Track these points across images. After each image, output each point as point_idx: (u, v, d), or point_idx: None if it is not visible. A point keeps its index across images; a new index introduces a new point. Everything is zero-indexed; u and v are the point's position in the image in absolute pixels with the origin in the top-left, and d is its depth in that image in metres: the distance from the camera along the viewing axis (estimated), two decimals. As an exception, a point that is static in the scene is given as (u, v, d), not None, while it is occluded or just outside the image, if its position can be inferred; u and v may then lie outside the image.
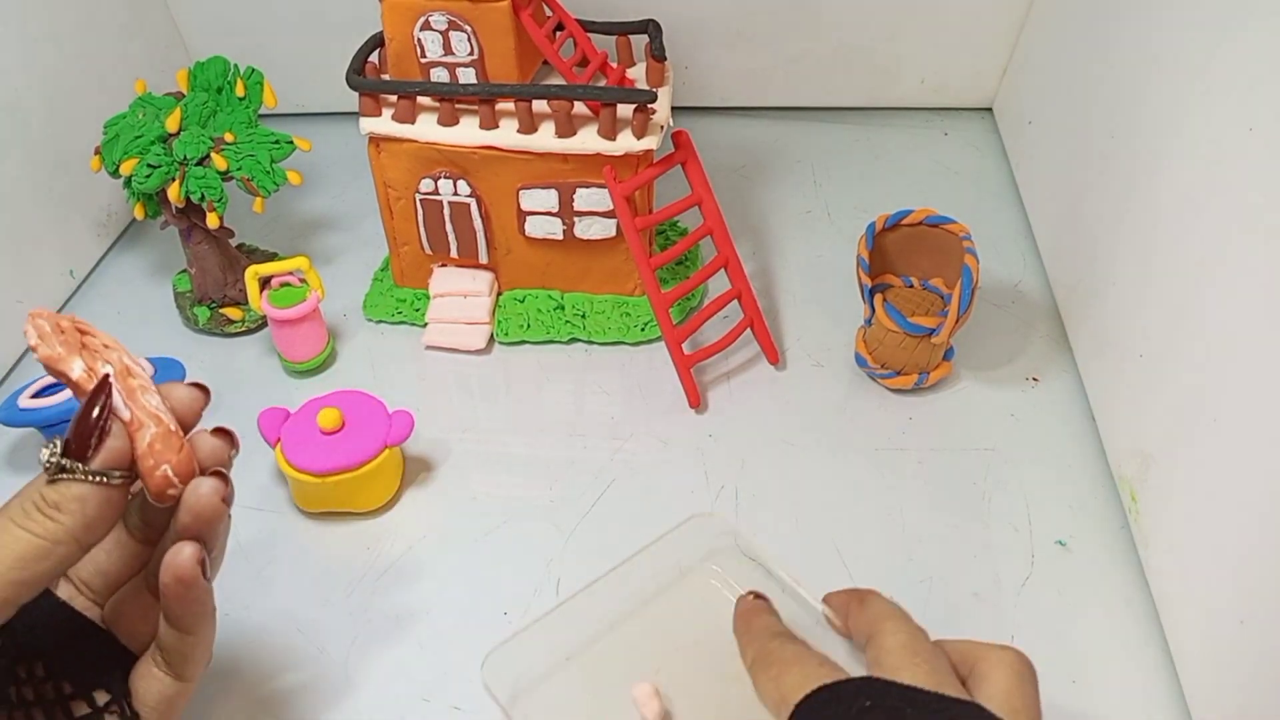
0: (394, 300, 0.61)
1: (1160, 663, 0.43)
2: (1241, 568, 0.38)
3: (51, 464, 0.29)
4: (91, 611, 0.35)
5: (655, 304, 0.54)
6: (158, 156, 0.54)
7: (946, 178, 0.72)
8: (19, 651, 0.31)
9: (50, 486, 0.29)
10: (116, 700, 0.33)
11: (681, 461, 0.52)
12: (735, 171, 0.73)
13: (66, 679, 0.33)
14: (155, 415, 0.32)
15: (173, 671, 0.34)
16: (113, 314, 0.63)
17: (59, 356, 0.31)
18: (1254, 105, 0.40)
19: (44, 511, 0.29)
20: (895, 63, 0.75)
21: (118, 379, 0.31)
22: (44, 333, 0.31)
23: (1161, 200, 0.47)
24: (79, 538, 0.29)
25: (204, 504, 0.32)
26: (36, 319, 0.32)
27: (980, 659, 0.34)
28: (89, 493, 0.29)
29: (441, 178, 0.55)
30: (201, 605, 0.33)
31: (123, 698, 0.33)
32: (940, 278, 0.58)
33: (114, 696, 0.33)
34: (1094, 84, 0.57)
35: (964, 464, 0.52)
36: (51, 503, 0.29)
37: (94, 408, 0.30)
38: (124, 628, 0.35)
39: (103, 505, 0.30)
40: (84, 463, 0.29)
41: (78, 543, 0.29)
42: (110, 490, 0.30)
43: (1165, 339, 0.45)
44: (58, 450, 0.30)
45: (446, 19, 0.51)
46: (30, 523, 0.29)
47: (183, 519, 0.32)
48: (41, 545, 0.29)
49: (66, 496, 0.29)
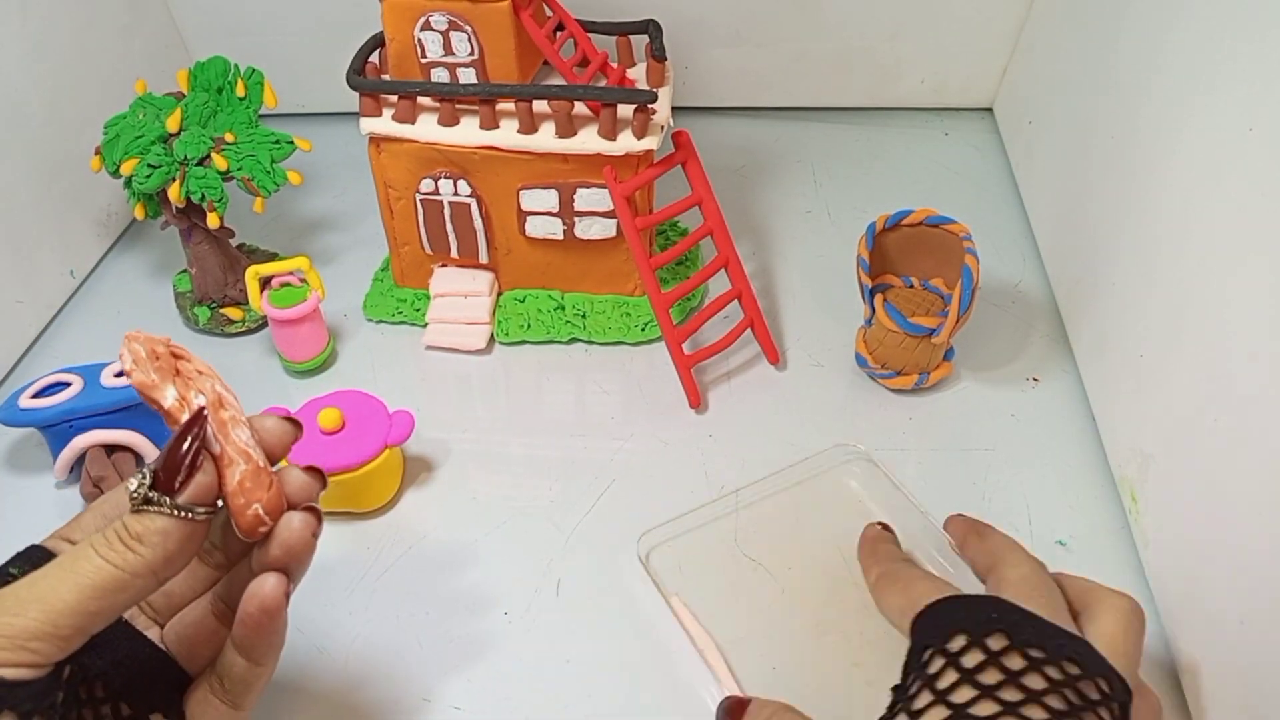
0: (394, 300, 0.61)
1: (1160, 662, 0.43)
2: (1241, 568, 0.38)
3: (138, 495, 0.29)
4: (151, 631, 0.34)
5: (655, 304, 0.54)
6: (158, 156, 0.54)
7: (946, 178, 0.72)
8: (82, 673, 0.31)
9: (134, 517, 0.29)
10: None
11: (681, 461, 0.52)
12: (735, 171, 0.73)
13: (125, 701, 0.32)
14: (245, 452, 0.31)
15: (230, 700, 0.33)
16: (113, 314, 0.63)
17: (153, 384, 0.31)
18: (1254, 105, 0.40)
19: (126, 543, 0.29)
20: (895, 63, 0.75)
21: (210, 411, 0.31)
22: (139, 357, 0.31)
23: (1162, 200, 0.47)
24: (157, 571, 0.29)
25: (296, 539, 0.32)
26: (133, 343, 0.31)
27: (1095, 600, 0.35)
28: (172, 527, 0.29)
29: (442, 178, 0.55)
30: (278, 637, 0.33)
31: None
32: (940, 278, 0.58)
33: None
34: (1094, 84, 0.57)
35: (964, 464, 0.52)
36: (134, 534, 0.29)
37: (185, 440, 0.30)
38: (184, 651, 0.35)
39: (185, 541, 0.30)
40: (171, 496, 0.29)
41: (155, 576, 0.29)
42: (194, 526, 0.30)
43: (1165, 339, 0.45)
44: (146, 481, 0.29)
45: (447, 19, 0.51)
46: (111, 553, 0.29)
47: (273, 552, 0.32)
48: (120, 577, 0.29)
49: (150, 529, 0.29)
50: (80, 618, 0.28)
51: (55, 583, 0.28)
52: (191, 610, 0.35)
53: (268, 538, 0.32)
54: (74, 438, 0.50)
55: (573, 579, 0.47)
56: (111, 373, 0.52)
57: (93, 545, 0.29)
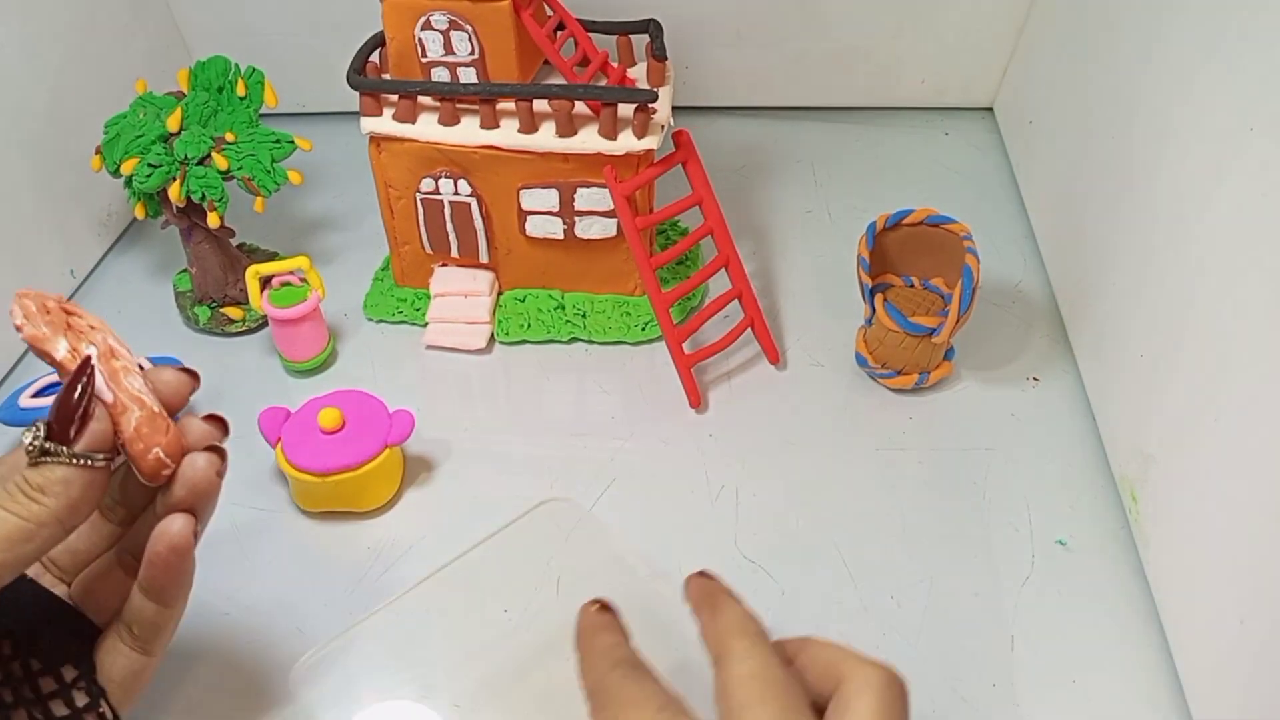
0: (394, 300, 0.61)
1: (1160, 663, 0.43)
2: (1242, 567, 0.38)
3: (35, 447, 0.30)
4: (58, 589, 0.35)
5: (656, 303, 0.54)
6: (158, 156, 0.54)
7: (947, 178, 0.72)
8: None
9: (33, 470, 0.30)
10: (84, 676, 0.33)
11: (681, 461, 0.52)
12: (735, 171, 0.73)
13: (34, 656, 0.33)
14: (138, 398, 0.32)
15: (140, 646, 0.34)
16: (113, 313, 0.63)
17: (43, 336, 0.31)
18: (1254, 105, 0.40)
19: (28, 494, 0.29)
20: (895, 63, 0.75)
21: (101, 360, 0.31)
22: (29, 312, 0.31)
23: (1162, 200, 0.47)
24: (63, 520, 0.30)
25: (200, 477, 0.32)
26: (23, 299, 0.32)
27: (846, 678, 0.30)
28: (73, 475, 0.30)
29: (442, 177, 0.55)
30: (186, 577, 0.33)
31: (90, 673, 0.34)
32: (941, 277, 0.58)
33: (81, 672, 0.34)
34: (1094, 84, 0.57)
35: (964, 464, 0.52)
36: (35, 486, 0.29)
37: (75, 390, 0.30)
38: (92, 604, 0.35)
39: (86, 488, 0.30)
40: (67, 445, 0.30)
41: (61, 525, 0.30)
42: (94, 473, 0.30)
43: (1165, 339, 0.45)
44: (41, 434, 0.30)
45: (447, 18, 0.51)
46: (14, 505, 0.29)
47: (177, 493, 0.32)
48: (26, 528, 0.29)
49: (50, 480, 0.29)
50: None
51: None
52: (97, 564, 0.36)
53: (171, 481, 0.33)
54: (74, 437, 0.50)
55: (573, 579, 0.47)
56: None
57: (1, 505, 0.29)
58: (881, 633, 0.45)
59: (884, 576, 0.47)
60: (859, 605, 0.46)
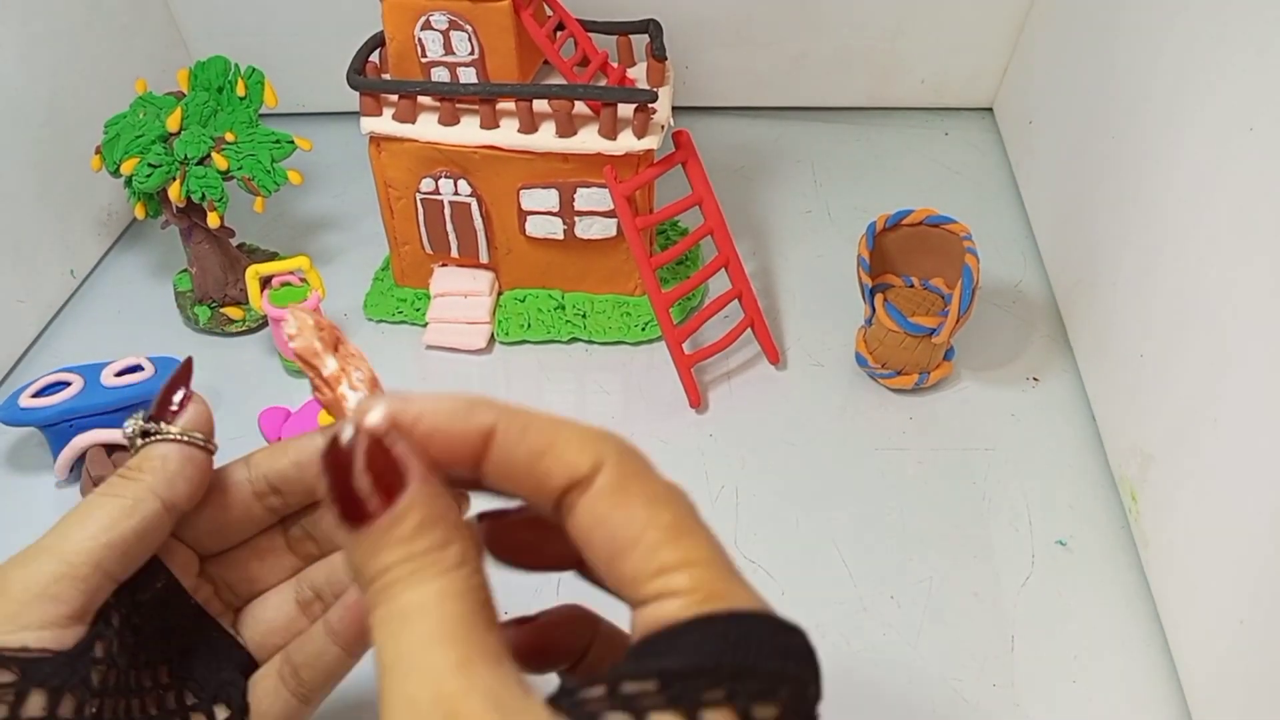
0: (394, 300, 0.61)
1: (1160, 663, 0.43)
2: (1242, 567, 0.38)
3: (134, 431, 0.30)
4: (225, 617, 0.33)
5: (655, 304, 0.54)
6: (158, 156, 0.54)
7: (946, 178, 0.72)
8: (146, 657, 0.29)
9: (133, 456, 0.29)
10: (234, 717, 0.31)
11: (681, 461, 0.52)
12: (735, 171, 0.73)
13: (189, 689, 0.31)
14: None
15: (304, 693, 0.31)
16: (113, 314, 0.63)
17: (315, 350, 0.31)
18: (1254, 105, 0.40)
19: (126, 475, 0.29)
20: (895, 63, 0.75)
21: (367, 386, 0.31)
22: (305, 325, 0.31)
23: (1162, 200, 0.47)
24: (161, 494, 0.29)
25: None
26: (298, 312, 0.31)
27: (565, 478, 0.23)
28: (169, 450, 0.29)
29: (442, 177, 0.55)
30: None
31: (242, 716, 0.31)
32: (941, 278, 0.58)
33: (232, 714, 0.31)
34: (1094, 83, 0.57)
35: (964, 464, 0.52)
36: (134, 466, 0.29)
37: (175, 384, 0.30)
38: (256, 636, 0.33)
39: (184, 463, 0.29)
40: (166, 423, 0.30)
41: (160, 500, 0.29)
42: (192, 449, 0.29)
43: (1166, 339, 0.45)
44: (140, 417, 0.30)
45: (447, 18, 0.51)
46: (112, 488, 0.29)
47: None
48: (124, 504, 0.28)
49: (148, 457, 0.29)
50: (94, 552, 0.27)
51: (60, 531, 0.28)
52: (272, 598, 0.34)
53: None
54: (74, 437, 0.50)
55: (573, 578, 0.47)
56: (112, 372, 0.52)
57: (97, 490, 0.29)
58: (881, 633, 0.45)
59: (884, 576, 0.47)
60: (859, 605, 0.46)
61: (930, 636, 0.44)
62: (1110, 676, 0.43)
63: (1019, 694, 0.42)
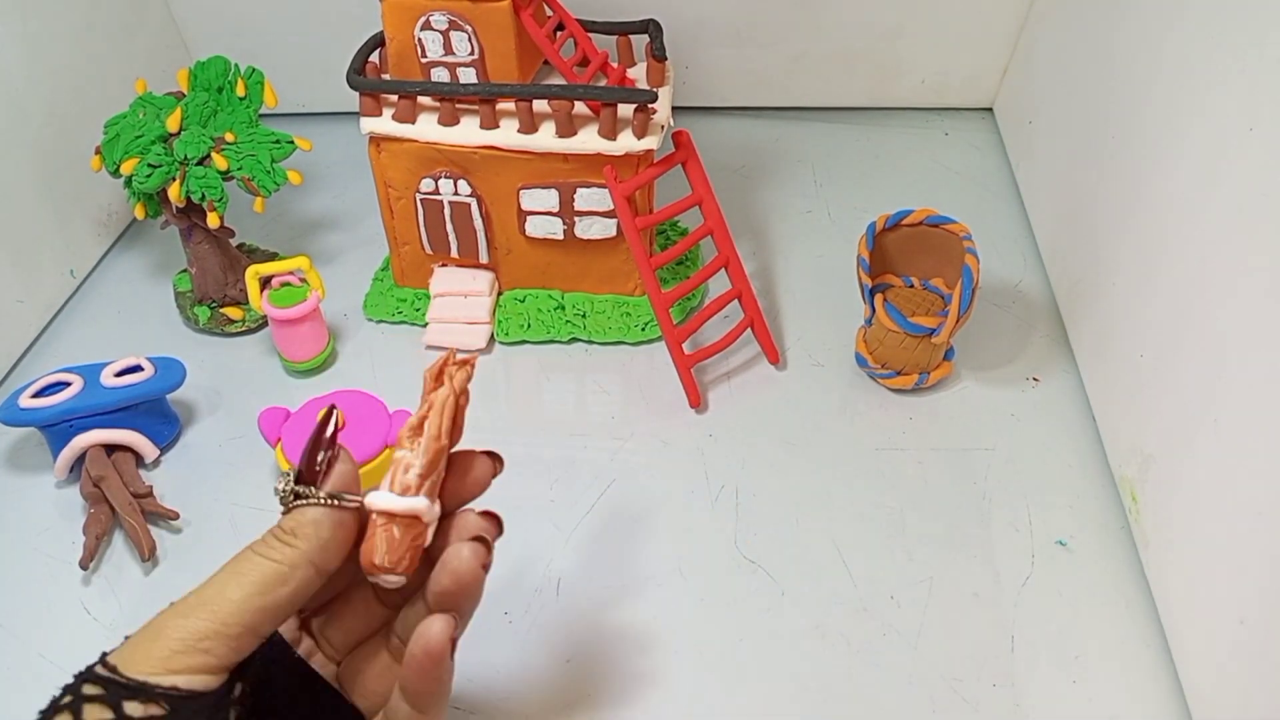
0: (394, 300, 0.61)
1: (1160, 663, 0.43)
2: (1241, 567, 0.38)
3: (287, 492, 0.31)
4: (328, 669, 0.34)
5: (655, 304, 0.54)
6: (158, 156, 0.54)
7: (946, 178, 0.72)
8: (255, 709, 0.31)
9: (286, 516, 0.31)
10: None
11: (681, 461, 0.52)
12: (735, 171, 0.73)
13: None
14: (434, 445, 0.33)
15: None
16: (113, 314, 0.63)
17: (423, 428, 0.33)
18: (1254, 105, 0.40)
19: (281, 539, 0.30)
20: (895, 63, 0.75)
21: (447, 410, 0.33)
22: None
23: (1162, 200, 0.47)
24: (315, 561, 0.30)
25: (465, 568, 0.32)
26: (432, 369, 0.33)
27: None
28: (322, 516, 0.30)
29: (442, 177, 0.55)
30: (441, 685, 0.32)
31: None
32: (940, 278, 0.58)
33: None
34: (1094, 84, 0.57)
35: (964, 464, 0.52)
36: (288, 529, 0.30)
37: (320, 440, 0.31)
38: (359, 689, 0.34)
39: (336, 528, 0.31)
40: (315, 486, 0.31)
41: (314, 567, 0.30)
42: (343, 513, 0.31)
43: (1166, 339, 0.45)
44: (290, 479, 0.31)
45: (447, 19, 0.51)
46: (269, 550, 0.30)
47: (442, 580, 0.32)
48: (280, 570, 0.29)
49: (302, 521, 0.30)
50: (247, 615, 0.29)
51: (219, 585, 0.29)
52: (368, 648, 0.35)
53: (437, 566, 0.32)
54: (74, 437, 0.50)
55: (572, 579, 0.47)
56: (111, 372, 0.52)
57: (251, 548, 0.30)
58: (881, 633, 0.45)
59: (884, 576, 0.47)
60: (859, 605, 0.46)
61: (930, 636, 0.44)
62: (1110, 676, 0.43)
63: (1019, 694, 0.42)
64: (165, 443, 0.54)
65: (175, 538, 0.49)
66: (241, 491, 0.51)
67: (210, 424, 0.56)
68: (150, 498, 0.50)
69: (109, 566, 0.48)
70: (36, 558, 0.49)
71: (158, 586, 0.47)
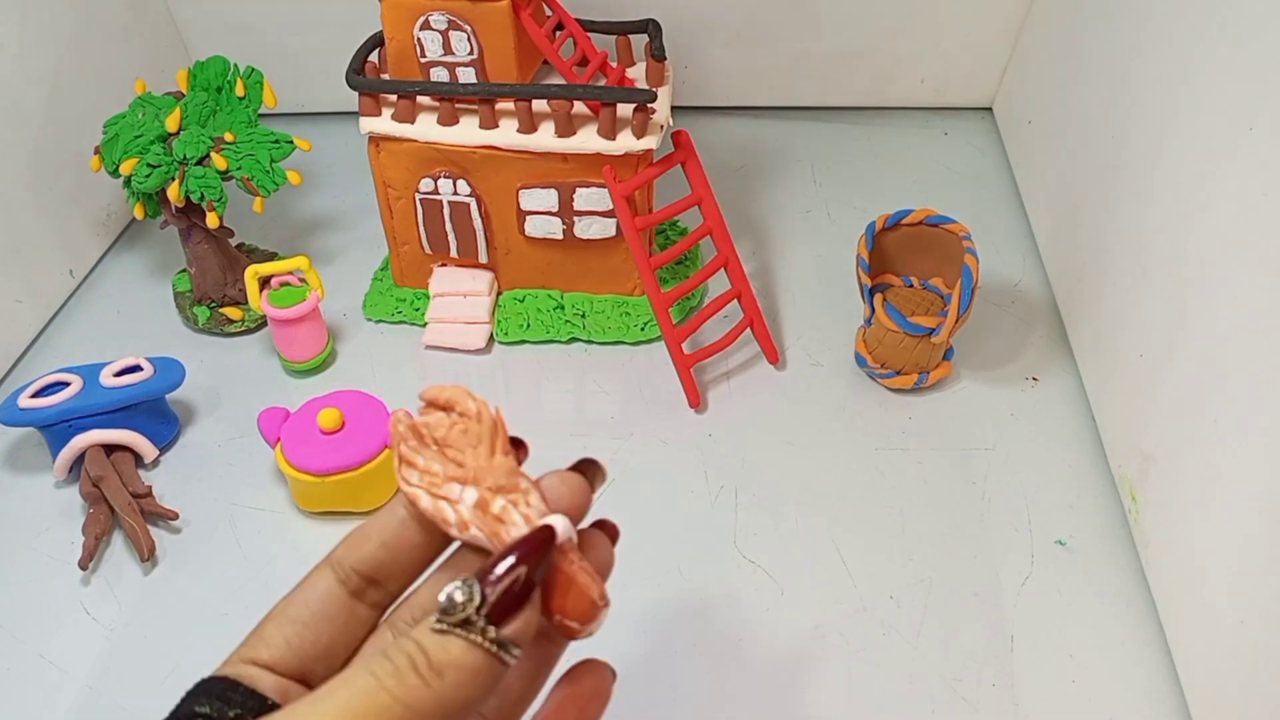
0: (394, 300, 0.61)
1: (1160, 663, 0.43)
2: (1241, 568, 0.38)
3: (460, 613, 0.22)
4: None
5: (655, 303, 0.54)
6: (157, 156, 0.54)
7: (946, 178, 0.72)
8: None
9: (439, 641, 0.22)
10: None
11: (681, 461, 0.52)
12: (735, 171, 0.73)
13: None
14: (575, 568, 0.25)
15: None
16: (113, 314, 0.63)
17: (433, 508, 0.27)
18: (1254, 105, 0.40)
19: (419, 671, 0.22)
20: (895, 63, 0.75)
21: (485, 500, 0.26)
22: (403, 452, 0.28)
23: (1162, 200, 0.47)
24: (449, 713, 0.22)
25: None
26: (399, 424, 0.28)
27: None
28: (483, 665, 0.22)
29: (441, 177, 0.55)
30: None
31: None
32: (940, 277, 0.58)
33: None
34: (1094, 84, 0.57)
35: (964, 464, 0.52)
36: (436, 665, 0.22)
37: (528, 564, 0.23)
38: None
39: (491, 683, 0.22)
40: (498, 627, 0.22)
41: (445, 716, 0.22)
42: (505, 669, 0.23)
43: (1165, 339, 0.45)
44: (475, 598, 0.22)
45: (446, 18, 0.51)
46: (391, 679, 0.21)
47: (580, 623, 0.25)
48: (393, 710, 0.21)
49: (458, 663, 0.22)
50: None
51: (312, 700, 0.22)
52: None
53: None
54: (73, 437, 0.50)
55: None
56: (111, 372, 0.52)
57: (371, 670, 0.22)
58: (881, 633, 0.45)
59: (884, 576, 0.47)
60: (859, 605, 0.46)
61: (930, 636, 0.44)
62: (1110, 676, 0.43)
63: (1019, 694, 0.42)
64: (164, 443, 0.54)
65: (174, 538, 0.49)
66: (241, 491, 0.51)
67: (209, 424, 0.56)
68: (149, 498, 0.50)
69: (108, 567, 0.48)
70: (36, 558, 0.49)
71: (157, 587, 0.47)
